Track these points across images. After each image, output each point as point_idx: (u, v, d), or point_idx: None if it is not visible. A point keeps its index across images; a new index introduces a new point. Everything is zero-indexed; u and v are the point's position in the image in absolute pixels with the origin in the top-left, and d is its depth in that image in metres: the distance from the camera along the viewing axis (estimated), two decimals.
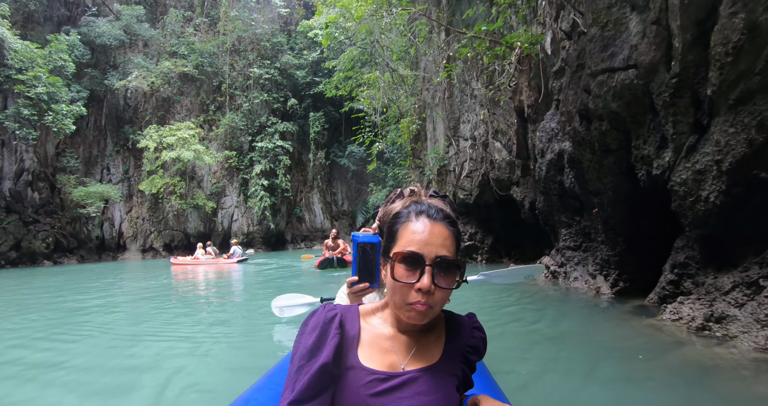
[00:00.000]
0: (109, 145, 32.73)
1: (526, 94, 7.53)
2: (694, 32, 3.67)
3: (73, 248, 30.24)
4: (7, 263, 26.91)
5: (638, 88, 4.15)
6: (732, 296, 3.54)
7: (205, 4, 33.61)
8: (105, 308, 7.42)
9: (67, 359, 4.19)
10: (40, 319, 6.59)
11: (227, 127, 30.57)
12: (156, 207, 31.18)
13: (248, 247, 31.94)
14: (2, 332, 5.79)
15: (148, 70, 30.18)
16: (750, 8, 3.24)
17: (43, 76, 25.26)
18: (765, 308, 3.22)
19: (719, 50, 3.42)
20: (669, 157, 3.93)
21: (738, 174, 3.38)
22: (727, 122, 3.43)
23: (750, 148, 3.25)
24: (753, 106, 3.27)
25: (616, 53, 4.40)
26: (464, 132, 11.27)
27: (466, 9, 10.61)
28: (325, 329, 1.05)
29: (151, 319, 6.28)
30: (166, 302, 8.03)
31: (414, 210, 1.06)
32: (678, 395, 2.78)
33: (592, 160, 5.02)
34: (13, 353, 4.59)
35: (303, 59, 32.26)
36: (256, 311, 6.43)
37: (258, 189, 30.42)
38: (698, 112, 3.74)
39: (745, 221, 3.55)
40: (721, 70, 3.42)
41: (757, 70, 3.23)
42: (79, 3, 32.70)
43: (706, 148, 3.60)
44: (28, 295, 10.20)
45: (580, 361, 3.47)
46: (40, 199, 29.64)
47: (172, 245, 31.33)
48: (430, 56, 12.84)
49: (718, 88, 3.46)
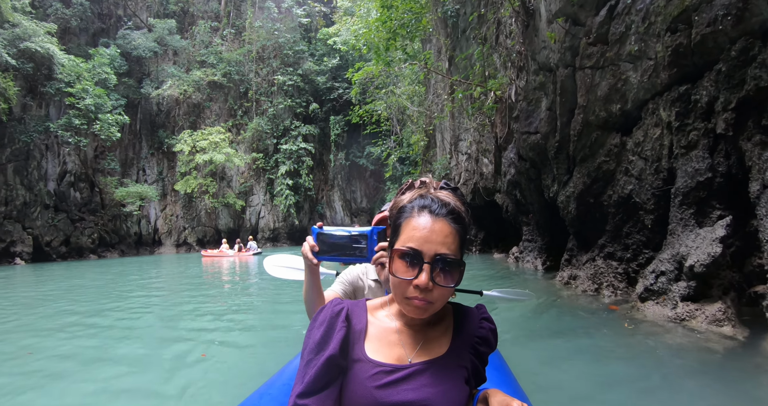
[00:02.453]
0: (144, 148, 36.39)
1: (499, 127, 10.68)
2: (566, 118, 6.83)
3: (114, 243, 34.07)
4: (58, 257, 30.69)
5: (541, 145, 7.33)
6: (585, 266, 6.72)
7: (231, 15, 37.11)
8: (163, 291, 10.33)
9: (140, 325, 6.21)
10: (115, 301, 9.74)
11: (254, 131, 34.17)
12: (189, 205, 34.86)
13: (274, 242, 35.69)
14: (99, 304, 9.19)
15: (181, 79, 33.80)
16: (586, 111, 6.38)
17: (90, 89, 28.56)
18: (591, 271, 6.40)
19: (572, 132, 6.59)
20: (556, 187, 7.12)
21: (581, 199, 6.55)
22: (577, 171, 6.60)
23: (584, 186, 6.43)
24: (586, 164, 6.43)
25: (532, 122, 7.58)
26: (462, 148, 14.46)
27: (464, 46, 13.77)
28: (332, 323, 1.10)
29: (190, 300, 8.41)
30: (201, 286, 11.09)
31: (418, 205, 1.08)
32: (547, 304, 5.97)
33: (525, 184, 8.21)
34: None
35: (323, 66, 35.59)
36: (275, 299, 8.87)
37: (283, 188, 33.99)
38: (568, 163, 6.91)
39: (591, 225, 6.71)
40: (574, 143, 6.59)
41: (588, 145, 6.39)
42: (111, 14, 36.36)
43: (570, 184, 6.77)
44: (108, 281, 13.81)
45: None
46: (81, 198, 33.46)
47: (204, 240, 35.03)
48: (437, 89, 16.05)
49: (573, 152, 6.63)
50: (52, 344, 5.08)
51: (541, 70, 7.53)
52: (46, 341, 5.21)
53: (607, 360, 3.71)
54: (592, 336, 4.38)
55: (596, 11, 6.15)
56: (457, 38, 14.60)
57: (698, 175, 4.62)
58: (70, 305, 8.07)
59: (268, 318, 6.69)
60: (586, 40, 6.29)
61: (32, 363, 4.30)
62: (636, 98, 5.57)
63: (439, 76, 15.54)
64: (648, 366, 3.46)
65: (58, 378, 3.86)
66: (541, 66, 7.51)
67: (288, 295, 8.28)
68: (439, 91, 16.24)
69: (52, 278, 14.72)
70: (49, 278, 14.79)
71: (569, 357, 3.84)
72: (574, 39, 6.54)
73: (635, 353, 3.77)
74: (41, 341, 5.21)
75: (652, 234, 5.33)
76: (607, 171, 6.06)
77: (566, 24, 6.69)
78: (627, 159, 5.70)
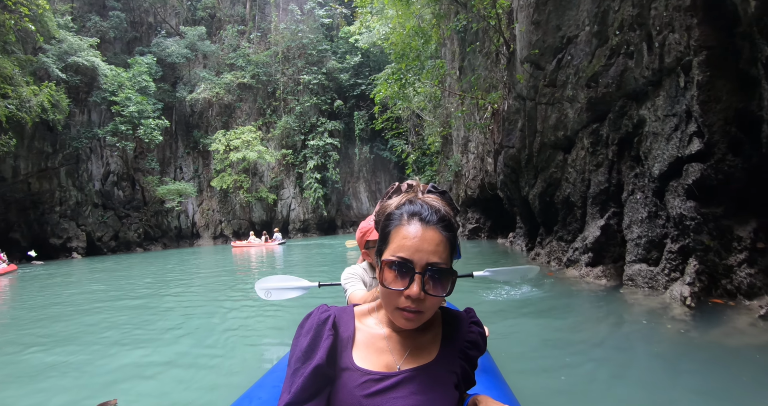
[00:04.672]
0: (180, 147, 39.91)
1: (496, 135, 13.38)
2: (531, 138, 9.54)
3: (157, 237, 37.83)
4: (108, 251, 34.61)
5: (516, 157, 10.08)
6: (546, 246, 9.48)
7: (256, 18, 40.19)
8: (207, 276, 13.94)
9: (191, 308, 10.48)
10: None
11: (283, 128, 37.42)
12: (225, 200, 38.37)
13: (305, 232, 39.08)
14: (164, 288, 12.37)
15: (213, 82, 37.14)
16: (542, 135, 9.07)
17: (134, 97, 31.80)
18: (548, 249, 9.17)
19: (534, 150, 9.32)
20: (527, 188, 9.89)
21: (541, 198, 9.31)
22: (540, 178, 9.36)
23: (543, 189, 9.18)
24: (543, 173, 9.17)
25: (511, 138, 10.32)
26: (471, 148, 17.19)
27: (472, 57, 16.42)
28: (318, 331, 1.11)
29: (229, 285, 12.39)
30: (234, 274, 14.27)
31: (407, 211, 1.09)
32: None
33: (510, 185, 10.98)
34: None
35: (346, 63, 38.47)
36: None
37: (312, 182, 37.25)
38: (534, 171, 9.65)
39: (550, 216, 9.45)
40: (536, 157, 9.33)
41: (544, 159, 9.11)
42: (142, 22, 39.70)
43: (535, 187, 9.53)
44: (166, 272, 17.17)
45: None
46: (124, 196, 37.28)
47: (240, 232, 38.62)
48: (451, 93, 18.78)
49: (536, 163, 9.38)
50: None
51: (518, 98, 10.23)
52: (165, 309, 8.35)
53: (536, 302, 6.54)
54: (535, 296, 7.21)
55: (551, 61, 8.82)
56: (464, 49, 17.22)
57: (601, 185, 7.35)
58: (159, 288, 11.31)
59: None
60: (543, 83, 8.99)
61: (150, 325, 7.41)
62: (572, 128, 8.27)
63: (452, 81, 18.26)
64: (561, 299, 6.30)
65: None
66: (518, 95, 10.22)
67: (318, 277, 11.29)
68: (451, 99, 18.97)
69: (121, 269, 18.23)
70: (120, 268, 18.30)
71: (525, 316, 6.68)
72: (536, 80, 9.24)
73: (556, 294, 6.59)
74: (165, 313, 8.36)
75: (580, 223, 8.08)
76: (555, 179, 8.80)
77: (530, 68, 9.39)
78: (567, 171, 8.43)
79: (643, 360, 3.89)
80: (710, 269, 5.07)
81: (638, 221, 6.21)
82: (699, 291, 4.97)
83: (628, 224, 6.41)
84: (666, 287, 5.51)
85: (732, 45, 4.99)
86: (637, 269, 6.03)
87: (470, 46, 15.94)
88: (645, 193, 6.19)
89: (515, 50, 10.56)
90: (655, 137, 5.95)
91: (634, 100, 6.67)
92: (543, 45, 8.84)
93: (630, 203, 6.57)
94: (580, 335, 4.73)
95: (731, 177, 4.96)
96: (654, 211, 6.01)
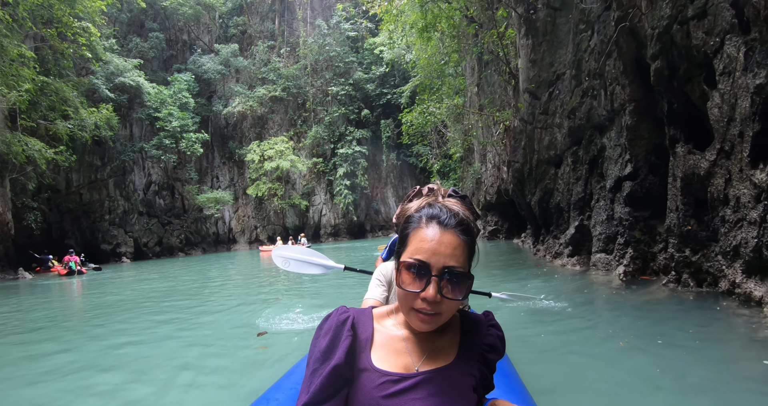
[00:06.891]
0: (217, 158, 43.29)
1: (508, 148, 15.82)
2: (531, 155, 12.02)
3: (197, 242, 41.23)
4: (153, 256, 38.05)
5: (521, 170, 12.58)
6: (545, 243, 11.93)
7: (285, 33, 43.40)
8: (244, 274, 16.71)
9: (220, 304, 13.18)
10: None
11: (313, 138, 40.50)
12: (260, 207, 41.57)
13: (336, 236, 42.00)
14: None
15: (246, 96, 40.41)
16: (539, 153, 11.54)
17: (175, 113, 35.06)
18: (545, 246, 11.62)
19: (533, 165, 11.80)
20: (529, 196, 12.37)
21: (540, 204, 11.80)
22: (538, 188, 11.84)
23: (540, 196, 11.67)
24: (541, 184, 11.65)
25: (516, 154, 12.82)
26: (489, 158, 19.67)
27: (490, 76, 18.90)
28: (337, 332, 1.14)
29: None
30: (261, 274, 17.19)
31: (426, 214, 1.12)
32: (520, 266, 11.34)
33: (517, 192, 13.47)
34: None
35: (372, 74, 41.33)
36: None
37: (342, 188, 40.17)
38: (534, 182, 12.13)
39: (548, 219, 11.90)
40: (534, 171, 11.81)
41: (540, 173, 11.60)
42: (177, 40, 43.19)
43: (536, 195, 12.02)
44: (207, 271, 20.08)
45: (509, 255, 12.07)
46: (165, 204, 40.77)
47: (274, 237, 41.62)
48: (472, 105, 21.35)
49: (535, 176, 11.87)
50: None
51: (522, 120, 12.71)
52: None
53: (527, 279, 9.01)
54: (525, 277, 9.68)
55: (545, 92, 11.27)
56: (483, 67, 19.71)
57: (579, 194, 9.81)
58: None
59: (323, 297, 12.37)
60: (539, 110, 11.47)
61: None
62: (560, 149, 10.73)
63: (472, 95, 20.81)
64: (549, 283, 8.78)
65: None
66: (522, 118, 12.70)
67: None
68: (471, 109, 21.49)
69: (173, 271, 21.24)
70: (172, 270, 21.32)
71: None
72: (534, 107, 11.73)
73: (543, 280, 9.07)
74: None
75: (567, 224, 10.53)
76: (549, 188, 11.27)
77: (529, 98, 11.88)
78: (557, 182, 10.89)
79: (593, 311, 6.41)
80: (642, 255, 7.51)
81: (600, 221, 8.66)
82: (633, 270, 7.44)
83: (594, 224, 8.88)
84: (615, 269, 7.97)
85: (652, 98, 7.43)
86: (598, 257, 8.50)
87: (484, 72, 18.48)
88: (605, 201, 8.65)
89: (518, 82, 13.06)
90: (609, 160, 8.42)
91: (598, 131, 9.14)
92: (539, 79, 11.35)
93: (596, 208, 9.02)
94: (560, 304, 7.21)
95: (651, 191, 7.40)
96: (610, 214, 8.46)
